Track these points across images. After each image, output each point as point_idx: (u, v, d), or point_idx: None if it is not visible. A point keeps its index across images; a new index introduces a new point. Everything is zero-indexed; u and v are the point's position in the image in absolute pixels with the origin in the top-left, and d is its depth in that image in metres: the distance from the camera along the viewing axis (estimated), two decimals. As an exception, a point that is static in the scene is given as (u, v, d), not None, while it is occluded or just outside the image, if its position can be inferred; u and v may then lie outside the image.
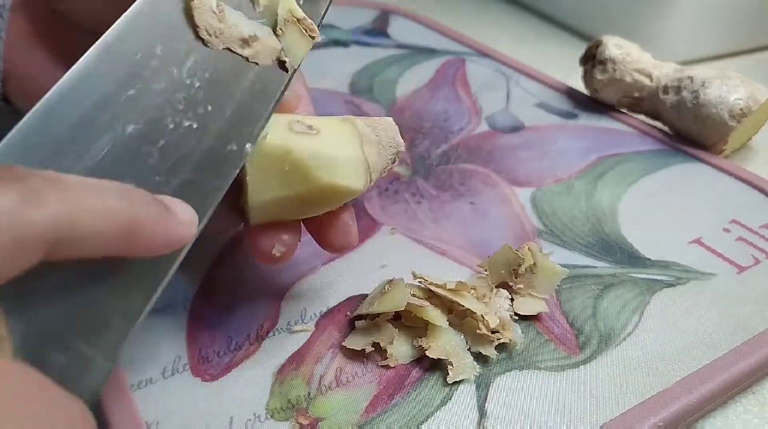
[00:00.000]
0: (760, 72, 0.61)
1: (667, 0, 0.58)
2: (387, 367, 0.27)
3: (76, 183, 0.17)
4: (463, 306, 0.28)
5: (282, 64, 0.25)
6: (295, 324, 0.29)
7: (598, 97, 0.49)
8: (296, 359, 0.27)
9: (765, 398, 0.29)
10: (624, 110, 0.49)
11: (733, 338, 0.30)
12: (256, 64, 0.24)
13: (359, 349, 0.27)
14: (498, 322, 0.28)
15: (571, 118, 0.48)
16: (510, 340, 0.28)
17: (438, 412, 0.26)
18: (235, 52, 0.23)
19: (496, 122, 0.47)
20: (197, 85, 0.22)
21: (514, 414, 0.26)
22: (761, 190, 0.40)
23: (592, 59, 0.48)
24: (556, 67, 0.58)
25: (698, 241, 0.36)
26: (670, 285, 0.33)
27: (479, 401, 0.26)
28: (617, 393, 0.27)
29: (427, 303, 0.28)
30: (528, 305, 0.30)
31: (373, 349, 0.27)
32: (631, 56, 0.46)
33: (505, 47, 0.61)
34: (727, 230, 0.37)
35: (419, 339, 0.28)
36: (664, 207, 0.39)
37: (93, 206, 0.16)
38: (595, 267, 0.34)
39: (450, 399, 0.26)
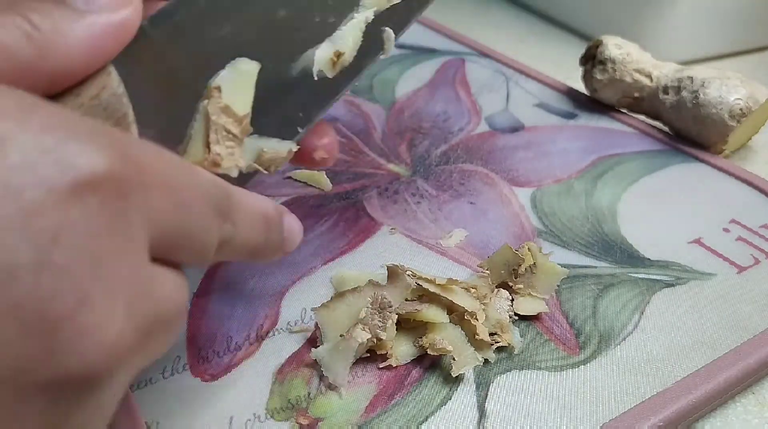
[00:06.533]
0: (760, 72, 0.61)
1: (666, 0, 0.58)
2: (387, 367, 0.27)
3: (246, 207, 0.20)
4: (455, 303, 0.28)
5: None
6: (295, 324, 0.29)
7: (598, 97, 0.49)
8: (296, 359, 0.27)
9: (765, 398, 0.29)
10: (624, 110, 0.49)
11: (733, 338, 0.30)
12: None
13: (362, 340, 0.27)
14: (489, 319, 0.28)
15: (571, 118, 0.48)
16: (509, 344, 0.28)
17: (438, 412, 0.26)
18: None
19: (496, 122, 0.47)
20: None
21: (514, 414, 0.26)
22: (761, 190, 0.40)
23: (592, 59, 0.48)
24: (556, 67, 0.58)
25: (698, 241, 0.36)
26: (670, 285, 0.33)
27: (479, 401, 0.26)
28: (617, 393, 0.27)
29: (423, 304, 0.28)
30: (528, 305, 0.30)
31: (374, 345, 0.27)
32: (631, 56, 0.46)
33: (505, 47, 0.61)
34: (726, 230, 0.37)
35: (419, 339, 0.28)
36: (664, 207, 0.39)
37: (249, 229, 0.20)
38: (595, 267, 0.34)
39: (450, 399, 0.26)
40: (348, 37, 0.24)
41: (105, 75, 0.18)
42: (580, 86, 0.51)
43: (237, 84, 0.22)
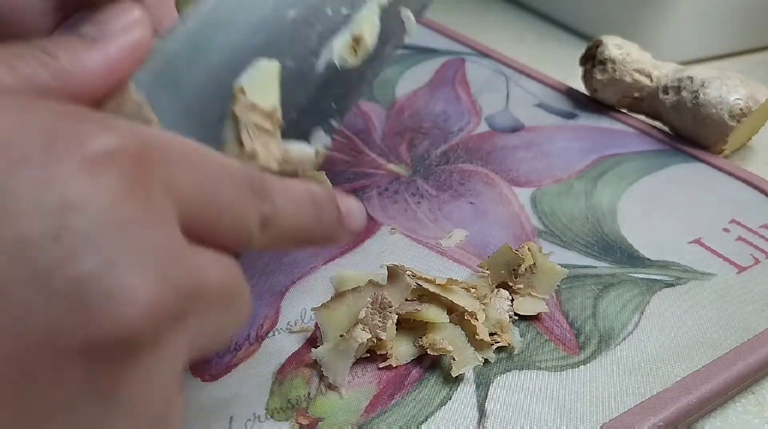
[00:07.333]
0: (760, 72, 0.61)
1: (667, 0, 0.58)
2: (387, 367, 0.27)
3: (286, 189, 0.20)
4: (455, 303, 0.28)
5: None
6: (295, 324, 0.29)
7: (598, 97, 0.49)
8: (296, 359, 0.27)
9: (765, 398, 0.29)
10: (624, 110, 0.49)
11: (733, 338, 0.30)
12: None
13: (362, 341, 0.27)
14: (489, 319, 0.28)
15: (571, 118, 0.48)
16: (509, 344, 0.28)
17: (438, 412, 0.26)
18: None
19: (496, 122, 0.47)
20: None
21: (514, 414, 0.26)
22: (761, 190, 0.40)
23: (592, 59, 0.48)
24: (556, 67, 0.58)
25: (698, 241, 0.36)
26: (670, 285, 0.33)
27: (479, 401, 0.26)
28: (617, 393, 0.27)
29: (424, 304, 0.28)
30: (528, 305, 0.30)
31: (374, 345, 0.27)
32: (631, 56, 0.46)
33: (505, 47, 0.61)
34: (726, 230, 0.37)
35: (419, 339, 0.28)
36: (664, 207, 0.39)
37: (294, 209, 0.20)
38: (595, 267, 0.34)
39: (450, 399, 0.26)
40: (363, 22, 0.25)
41: (124, 89, 0.19)
42: (580, 86, 0.51)
43: (260, 82, 0.22)
